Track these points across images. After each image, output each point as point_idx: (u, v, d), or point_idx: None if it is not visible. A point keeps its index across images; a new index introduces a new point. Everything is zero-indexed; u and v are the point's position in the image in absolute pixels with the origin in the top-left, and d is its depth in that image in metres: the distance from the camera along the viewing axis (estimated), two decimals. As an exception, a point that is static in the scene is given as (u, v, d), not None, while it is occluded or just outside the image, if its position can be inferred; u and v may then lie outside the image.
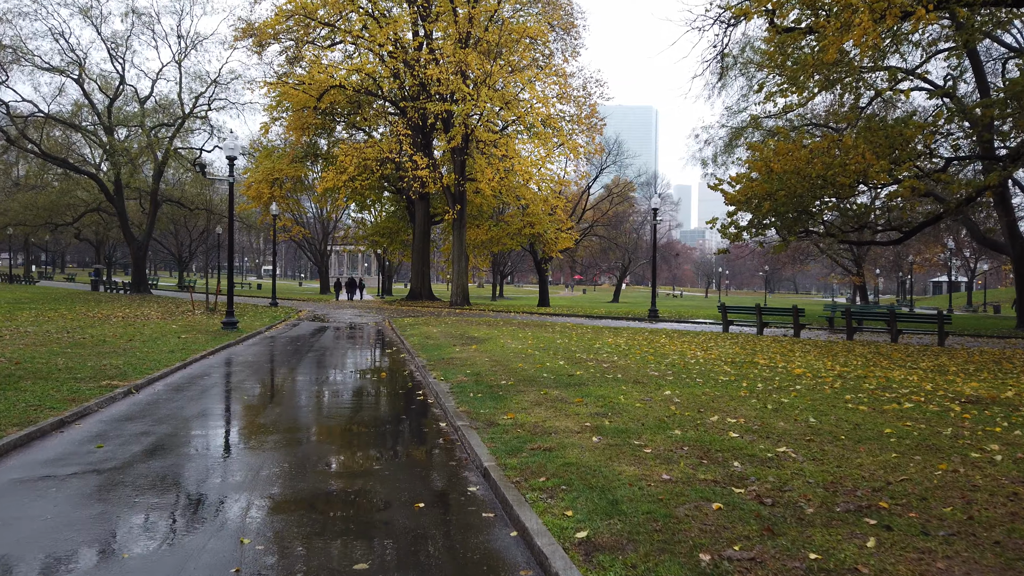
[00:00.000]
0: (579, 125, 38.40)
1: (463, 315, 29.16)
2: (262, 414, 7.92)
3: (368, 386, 10.08)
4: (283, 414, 7.85)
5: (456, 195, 35.47)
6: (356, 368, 12.22)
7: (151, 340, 14.78)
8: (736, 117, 30.18)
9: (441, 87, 32.47)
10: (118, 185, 40.71)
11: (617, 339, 16.20)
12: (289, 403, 8.61)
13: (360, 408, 8.34)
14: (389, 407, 8.54)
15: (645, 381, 9.21)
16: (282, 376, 11.01)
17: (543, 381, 9.22)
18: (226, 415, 7.87)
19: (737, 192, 15.07)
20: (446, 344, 14.58)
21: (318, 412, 8.14)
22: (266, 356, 13.54)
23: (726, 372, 10.28)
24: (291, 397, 9.11)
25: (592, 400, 7.79)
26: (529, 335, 16.82)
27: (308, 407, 8.40)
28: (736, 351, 13.80)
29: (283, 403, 8.64)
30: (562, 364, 10.97)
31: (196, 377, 10.52)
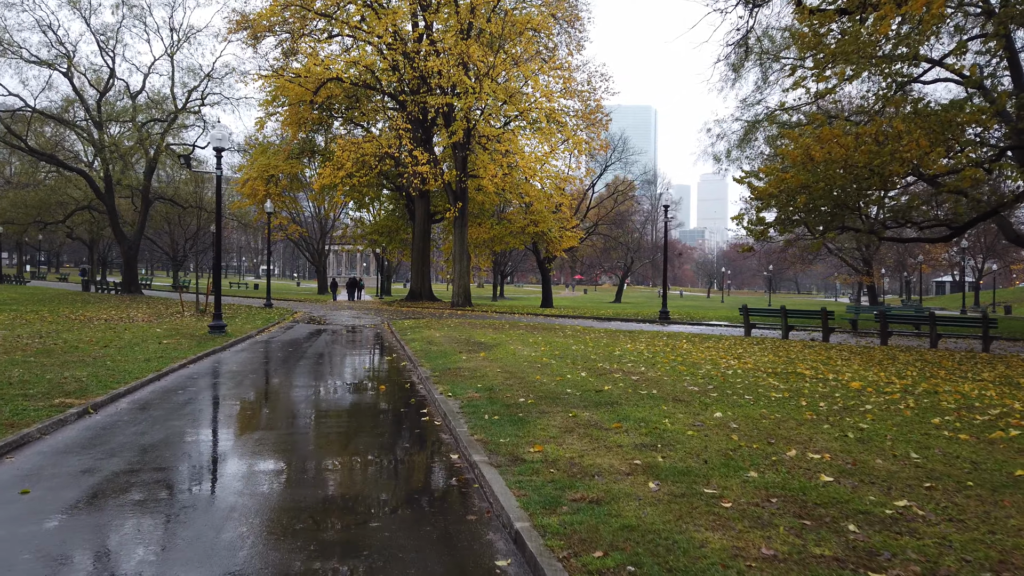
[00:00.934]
0: (584, 120, 37.13)
1: (466, 317, 27.87)
2: (238, 442, 6.63)
3: (365, 405, 8.79)
4: (263, 443, 6.56)
5: (457, 192, 34.18)
6: (352, 380, 10.93)
7: (128, 346, 13.49)
8: (750, 111, 28.88)
9: (442, 80, 31.18)
10: (108, 182, 39.38)
11: (636, 345, 14.92)
12: (272, 428, 7.31)
13: (356, 434, 7.05)
14: (389, 432, 7.25)
15: (687, 399, 7.92)
16: (268, 391, 9.71)
17: (568, 399, 7.93)
18: (193, 444, 6.58)
19: (768, 184, 13.76)
20: (451, 351, 13.29)
21: (305, 438, 6.84)
22: (252, 366, 12.24)
23: (774, 386, 8.99)
24: (275, 419, 7.81)
25: (632, 425, 6.50)
26: (540, 340, 15.53)
27: (294, 432, 7.10)
28: (771, 359, 12.52)
29: (264, 427, 7.34)
30: (585, 376, 9.68)
31: (169, 391, 9.23)
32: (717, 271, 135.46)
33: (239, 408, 8.45)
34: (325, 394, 9.42)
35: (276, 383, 10.28)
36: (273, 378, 10.76)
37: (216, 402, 8.69)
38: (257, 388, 9.86)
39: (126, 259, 39.84)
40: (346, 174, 32.53)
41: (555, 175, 36.62)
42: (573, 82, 35.71)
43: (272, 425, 7.37)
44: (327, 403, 8.75)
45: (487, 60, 29.92)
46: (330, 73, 32.04)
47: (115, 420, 7.38)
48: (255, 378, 10.72)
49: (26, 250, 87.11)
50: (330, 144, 36.60)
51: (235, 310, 27.91)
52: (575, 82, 35.95)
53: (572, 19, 37.12)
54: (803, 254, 54.92)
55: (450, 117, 33.64)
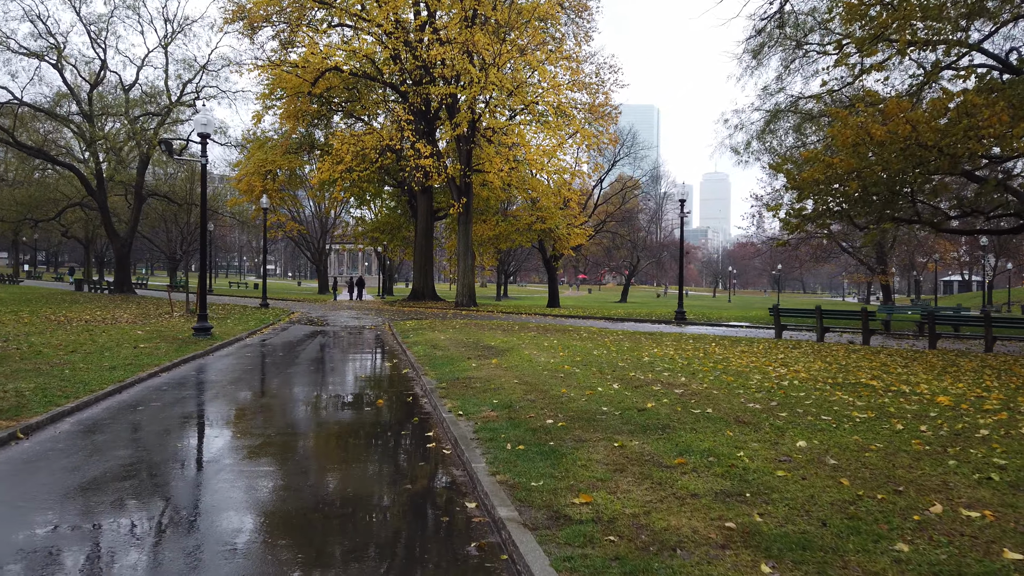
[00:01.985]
0: (592, 113, 35.65)
1: (471, 317, 26.42)
2: (195, 482, 5.18)
3: (358, 426, 7.32)
4: (226, 487, 5.10)
5: (461, 187, 32.70)
6: (345, 393, 9.47)
7: (99, 351, 12.05)
8: (770, 100, 27.35)
9: (446, 69, 29.70)
10: (100, 178, 37.97)
11: (663, 349, 13.43)
12: (240, 463, 5.85)
13: (344, 468, 5.60)
14: (386, 467, 5.78)
15: (752, 420, 6.45)
16: (243, 409, 8.24)
17: (607, 421, 6.45)
18: (133, 488, 5.12)
19: (812, 171, 12.23)
20: (458, 356, 11.82)
21: (281, 480, 5.38)
22: (233, 375, 10.78)
23: (848, 403, 7.51)
24: (246, 449, 6.35)
25: (700, 460, 5.03)
26: (556, 344, 14.06)
27: (268, 470, 5.63)
28: (822, 366, 11.02)
29: (231, 459, 5.88)
30: (619, 390, 8.20)
31: (127, 408, 7.77)
32: (723, 270, 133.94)
33: (203, 432, 6.99)
34: (312, 413, 7.96)
35: (256, 398, 8.82)
36: (252, 392, 9.30)
37: (177, 424, 7.23)
38: (232, 404, 8.40)
39: (118, 258, 38.44)
40: (345, 168, 31.07)
41: (563, 169, 35.14)
42: (581, 74, 34.22)
43: (240, 456, 5.91)
44: (313, 425, 7.29)
45: (493, 48, 28.45)
46: (329, 63, 30.62)
47: (46, 449, 5.92)
48: (232, 391, 9.26)
49: (25, 250, 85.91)
50: (329, 139, 35.13)
51: (228, 311, 26.50)
52: (583, 74, 34.47)
53: (580, 8, 35.64)
54: (816, 252, 53.42)
55: (454, 109, 32.19)
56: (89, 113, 37.01)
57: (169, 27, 38.67)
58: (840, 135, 11.33)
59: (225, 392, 9.12)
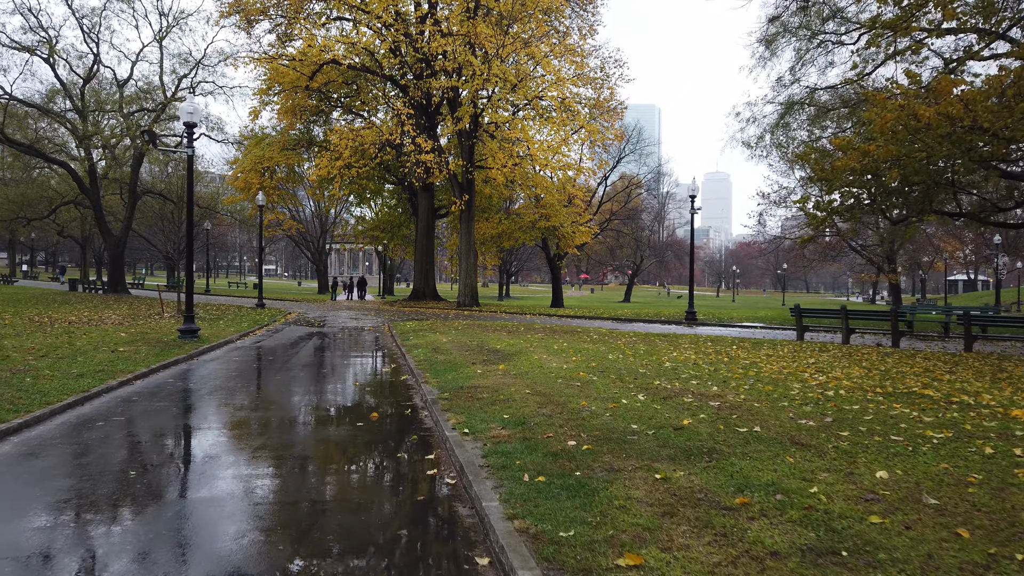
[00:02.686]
0: (597, 109, 34.65)
1: (474, 318, 25.44)
2: (134, 529, 4.20)
3: (347, 446, 6.34)
4: (169, 535, 4.12)
5: (463, 184, 31.72)
6: (336, 404, 8.50)
7: (72, 356, 11.10)
8: (784, 92, 26.34)
9: (447, 62, 28.72)
10: (93, 175, 37.04)
11: (683, 352, 12.44)
12: (198, 503, 4.87)
13: (331, 507, 4.63)
14: (379, 508, 4.80)
15: (811, 442, 5.46)
16: (216, 426, 7.27)
17: (641, 443, 5.46)
18: (64, 530, 4.14)
19: (846, 159, 11.21)
20: (462, 361, 10.84)
21: (247, 527, 4.40)
22: (215, 382, 9.81)
23: (913, 418, 6.52)
24: (207, 484, 5.36)
25: (765, 498, 4.05)
26: (567, 347, 13.07)
27: (231, 510, 4.65)
28: (862, 372, 10.02)
29: (186, 499, 4.90)
30: (647, 402, 7.21)
31: (83, 425, 6.80)
32: (726, 270, 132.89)
33: (164, 453, 6.02)
34: (297, 431, 6.98)
35: (233, 412, 7.84)
36: (233, 403, 8.32)
37: (134, 446, 6.25)
38: (204, 420, 7.42)
39: (112, 257, 37.52)
40: (344, 164, 30.10)
41: (568, 165, 34.16)
42: (585, 68, 33.21)
43: (200, 492, 4.93)
44: (296, 449, 6.30)
45: (496, 40, 27.46)
46: (327, 56, 29.65)
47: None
48: (209, 403, 8.28)
49: (24, 250, 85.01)
50: (328, 135, 34.16)
51: (222, 311, 25.55)
52: (587, 68, 33.47)
53: (585, 0, 34.72)
54: (824, 251, 52.33)
55: (455, 103, 31.24)
56: (82, 109, 36.10)
57: (164, 21, 37.86)
58: (879, 119, 10.30)
59: (200, 404, 8.15)
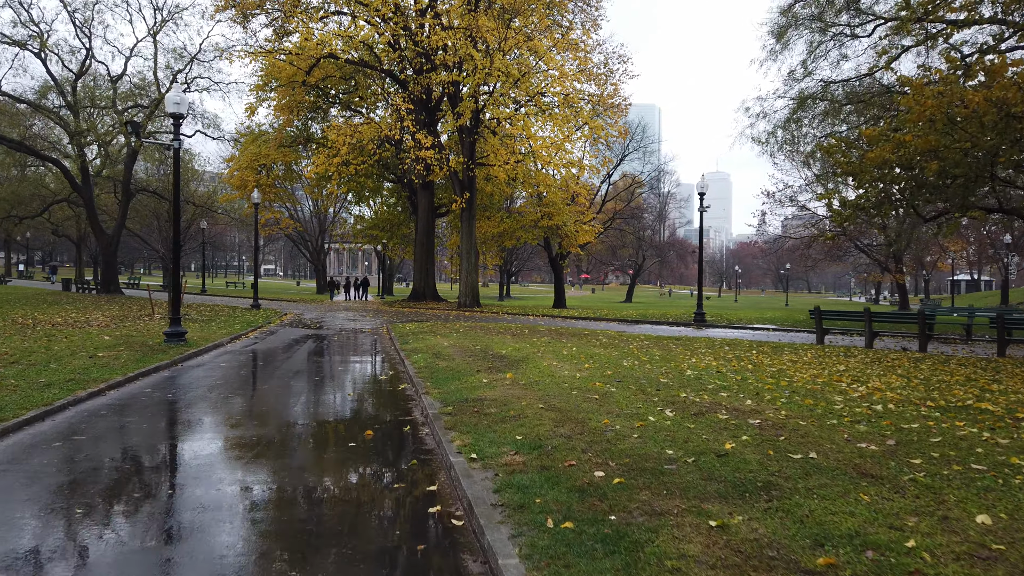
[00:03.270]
0: (601, 105, 33.79)
1: (475, 319, 24.62)
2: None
3: (336, 476, 5.52)
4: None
5: (464, 181, 30.90)
6: (326, 422, 7.68)
7: (47, 362, 10.28)
8: (795, 87, 25.55)
9: (448, 56, 27.88)
10: (85, 172, 36.22)
11: (701, 358, 11.62)
12: (150, 547, 4.04)
13: (310, 559, 3.81)
14: (366, 553, 3.98)
15: (883, 474, 4.64)
16: (187, 449, 6.45)
17: (681, 474, 4.64)
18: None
19: (880, 150, 10.41)
20: (465, 368, 10.03)
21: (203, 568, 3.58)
22: (195, 392, 9.00)
23: (988, 441, 5.71)
24: (173, 519, 4.53)
25: (855, 557, 3.25)
26: (576, 352, 12.26)
27: (190, 553, 3.83)
28: (902, 382, 9.21)
29: (139, 547, 4.08)
30: (675, 418, 6.39)
31: (38, 446, 5.99)
32: (728, 270, 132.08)
33: (120, 488, 5.20)
34: (280, 453, 6.16)
35: (210, 429, 7.02)
36: (210, 418, 7.49)
37: (91, 472, 5.44)
38: (175, 440, 6.61)
39: (105, 257, 36.69)
40: (342, 161, 29.25)
41: (572, 163, 33.34)
42: (589, 63, 32.32)
43: (156, 536, 4.11)
44: (276, 477, 5.48)
45: (499, 33, 26.63)
46: (324, 50, 28.83)
47: None
48: (186, 417, 7.47)
49: (20, 250, 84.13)
50: (326, 131, 33.33)
51: (215, 312, 24.72)
52: (591, 63, 32.60)
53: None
54: (830, 251, 51.50)
55: (456, 99, 30.41)
56: (74, 105, 35.26)
57: (159, 15, 36.93)
58: (916, 106, 9.50)
59: (174, 421, 7.33)
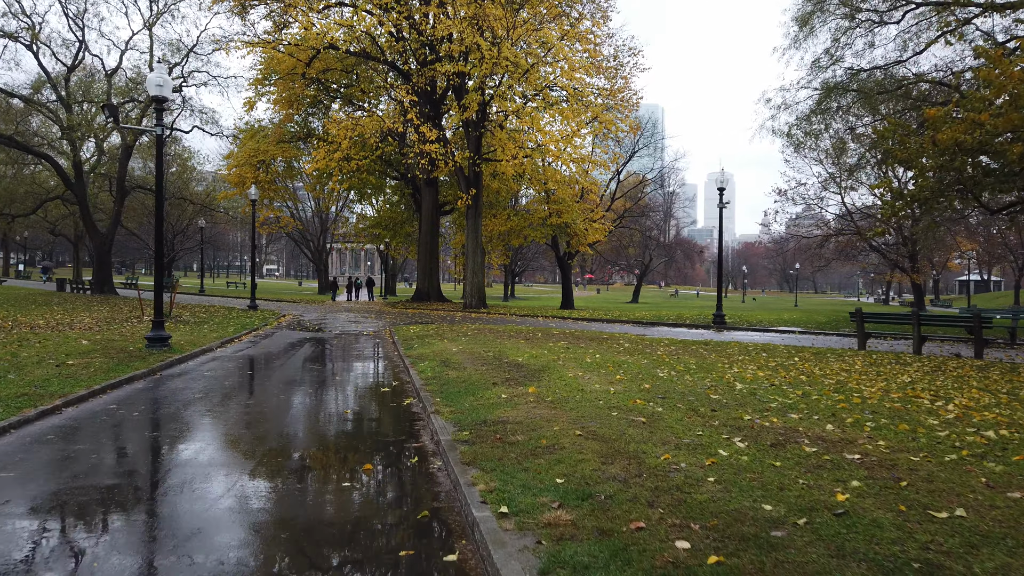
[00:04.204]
0: (611, 99, 32.51)
1: (482, 321, 23.37)
2: None
3: (323, 540, 4.26)
4: None
5: (470, 177, 29.67)
6: (315, 452, 6.42)
7: (5, 372, 9.07)
8: (819, 76, 24.26)
9: (453, 46, 26.63)
10: (78, 169, 35.06)
11: (742, 367, 10.34)
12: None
13: None
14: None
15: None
16: (148, 486, 5.20)
17: (799, 547, 3.37)
18: None
19: (952, 130, 9.17)
20: (479, 380, 8.77)
21: None
22: (165, 409, 7.76)
23: None
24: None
25: None
26: (600, 359, 10.99)
27: None
28: (991, 399, 7.92)
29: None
30: (751, 451, 5.13)
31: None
32: (733, 270, 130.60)
33: (35, 551, 3.96)
34: (255, 497, 4.90)
35: (175, 463, 5.78)
36: (178, 447, 6.24)
37: (20, 520, 4.19)
38: (133, 475, 5.36)
39: (98, 256, 35.52)
40: (343, 156, 28.04)
41: (582, 158, 32.06)
42: (599, 55, 31.05)
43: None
44: (243, 541, 4.23)
45: (507, 20, 25.37)
46: (325, 39, 27.61)
47: None
48: (145, 445, 6.21)
49: (19, 249, 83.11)
50: (327, 125, 32.07)
51: (210, 313, 23.49)
52: (601, 55, 31.34)
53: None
54: (845, 250, 50.08)
55: (461, 92, 29.17)
56: (67, 99, 34.11)
57: (155, 7, 35.72)
58: (999, 80, 8.23)
59: (132, 448, 6.09)
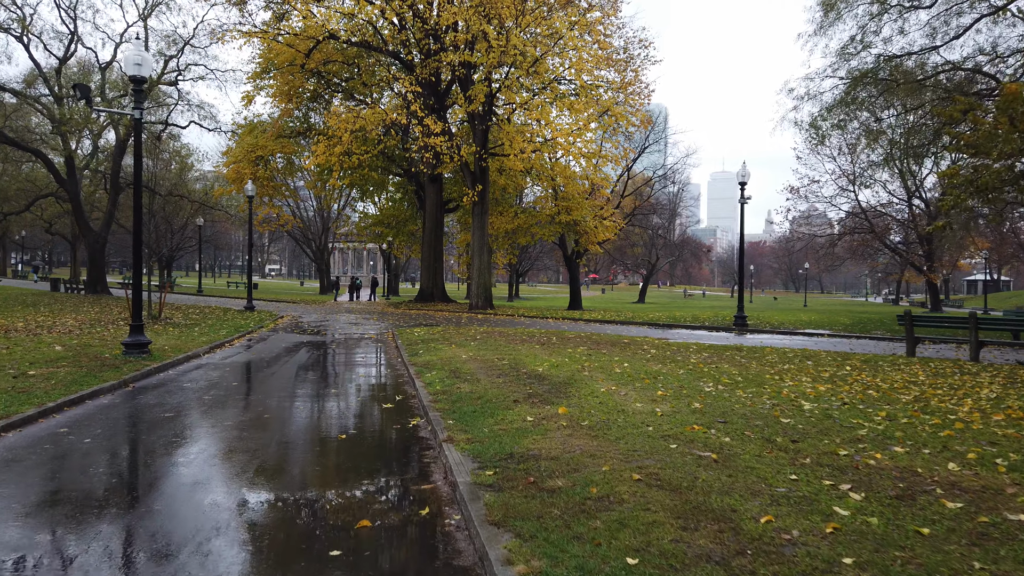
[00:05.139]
0: (621, 92, 31.21)
1: (490, 323, 22.10)
2: None
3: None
4: None
5: (476, 173, 28.39)
6: (299, 500, 5.15)
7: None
8: (846, 64, 22.96)
9: (459, 35, 25.33)
10: (70, 165, 33.93)
11: (797, 379, 9.04)
12: None
13: None
14: None
15: None
16: (69, 547, 3.93)
17: None
18: None
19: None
20: (497, 396, 7.49)
21: None
22: (128, 435, 6.49)
23: None
24: None
25: None
26: (631, 369, 9.71)
27: None
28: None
29: None
30: (878, 511, 3.85)
31: None
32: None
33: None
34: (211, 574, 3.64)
35: (111, 515, 4.51)
36: (127, 483, 4.98)
37: None
38: (57, 526, 4.09)
39: (91, 255, 34.33)
40: (344, 151, 26.78)
41: (594, 152, 30.74)
42: (609, 47, 29.73)
43: None
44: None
45: (515, 7, 24.07)
46: (326, 27, 26.36)
47: None
48: (89, 484, 4.94)
49: (18, 249, 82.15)
50: (327, 118, 30.82)
51: (204, 315, 22.29)
52: (611, 47, 30.04)
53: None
54: (861, 248, 48.74)
55: (467, 83, 27.89)
56: (58, 92, 32.97)
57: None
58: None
59: (64, 494, 4.82)
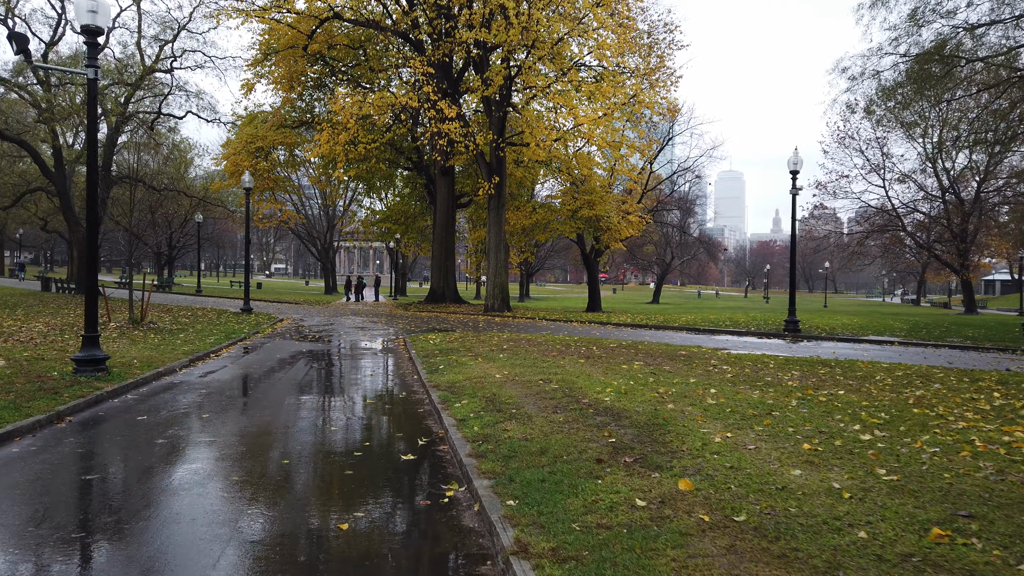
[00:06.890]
0: (646, 79, 28.77)
1: (511, 327, 19.80)
2: None
3: None
4: None
5: (493, 164, 26.10)
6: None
7: None
8: (901, 45, 20.57)
9: (473, 15, 22.93)
10: (58, 157, 31.88)
11: (959, 410, 6.70)
12: None
13: None
14: None
15: None
16: None
17: None
18: None
19: None
20: (566, 448, 5.19)
21: None
22: (31, 508, 4.21)
23: None
24: None
25: None
26: (725, 398, 7.39)
27: None
28: None
29: None
30: None
31: None
32: (754, 269, 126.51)
33: None
34: None
35: None
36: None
37: None
38: None
39: (81, 252, 32.21)
40: (348, 139, 24.54)
41: (619, 142, 28.37)
42: (632, 31, 27.31)
43: None
44: None
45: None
46: (328, 7, 24.15)
47: None
48: None
49: (21, 249, 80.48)
50: (331, 103, 28.56)
51: (195, 318, 20.07)
52: (636, 30, 27.66)
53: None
54: (892, 247, 46.28)
55: (483, 66, 25.61)
56: (45, 79, 30.87)
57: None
58: None
59: None
